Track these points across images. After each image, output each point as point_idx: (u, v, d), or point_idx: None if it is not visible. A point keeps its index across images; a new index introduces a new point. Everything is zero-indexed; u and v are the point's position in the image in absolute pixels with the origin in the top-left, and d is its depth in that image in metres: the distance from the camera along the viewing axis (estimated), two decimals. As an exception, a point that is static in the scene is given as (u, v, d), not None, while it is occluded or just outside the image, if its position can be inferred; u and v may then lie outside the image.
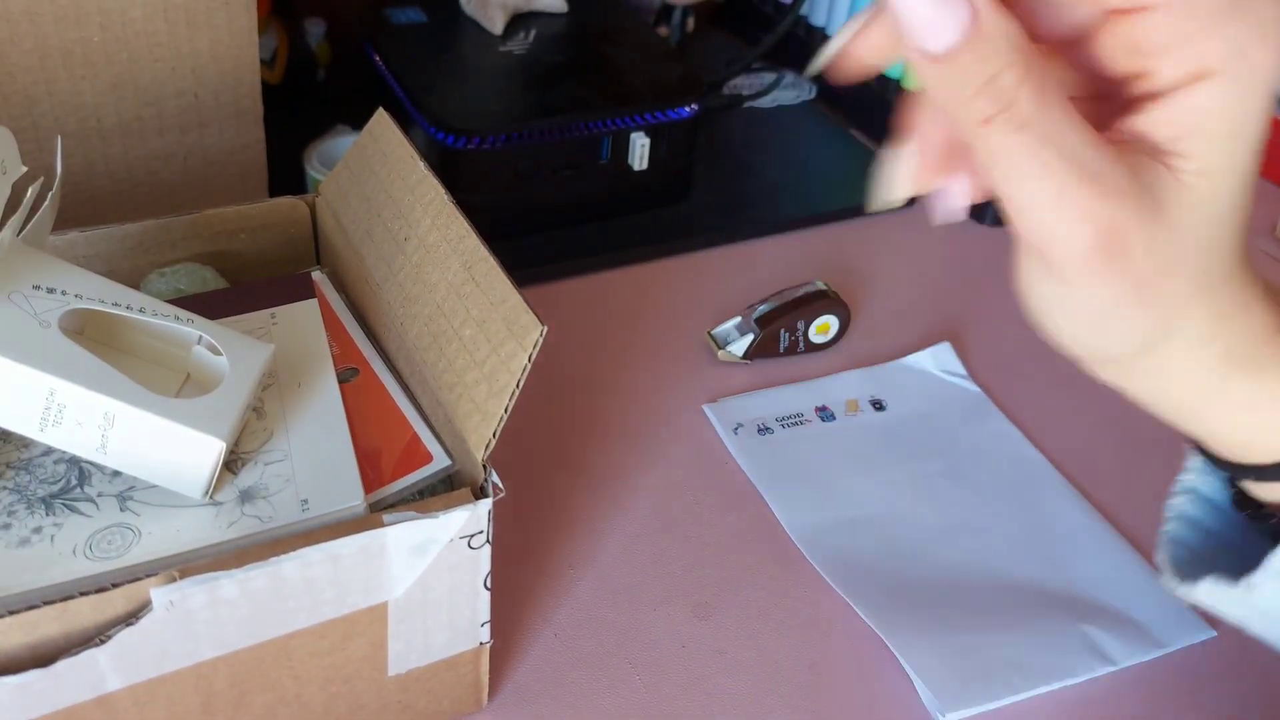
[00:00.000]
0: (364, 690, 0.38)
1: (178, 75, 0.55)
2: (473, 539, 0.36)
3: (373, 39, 0.71)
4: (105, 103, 0.54)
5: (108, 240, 0.46)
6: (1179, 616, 0.48)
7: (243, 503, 0.37)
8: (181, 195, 0.59)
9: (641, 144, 0.68)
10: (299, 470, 0.38)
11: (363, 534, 0.33)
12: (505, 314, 0.37)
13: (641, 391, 0.59)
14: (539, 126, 0.65)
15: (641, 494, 0.53)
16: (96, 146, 0.55)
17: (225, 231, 0.49)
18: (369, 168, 0.47)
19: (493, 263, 0.39)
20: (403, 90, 0.67)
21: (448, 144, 0.63)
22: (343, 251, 0.48)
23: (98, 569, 0.34)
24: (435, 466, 0.39)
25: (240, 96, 0.58)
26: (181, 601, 0.32)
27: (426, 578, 0.36)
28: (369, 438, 0.40)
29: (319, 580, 0.34)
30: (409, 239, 0.43)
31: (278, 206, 0.50)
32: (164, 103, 0.55)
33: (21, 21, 0.49)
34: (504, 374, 0.37)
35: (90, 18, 0.51)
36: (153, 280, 0.47)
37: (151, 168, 0.57)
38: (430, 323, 0.41)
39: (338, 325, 0.45)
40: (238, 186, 0.61)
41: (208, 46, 0.55)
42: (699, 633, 0.47)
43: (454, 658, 0.40)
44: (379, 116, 0.48)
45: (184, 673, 0.34)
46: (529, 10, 0.74)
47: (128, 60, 0.53)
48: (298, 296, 0.46)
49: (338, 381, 0.42)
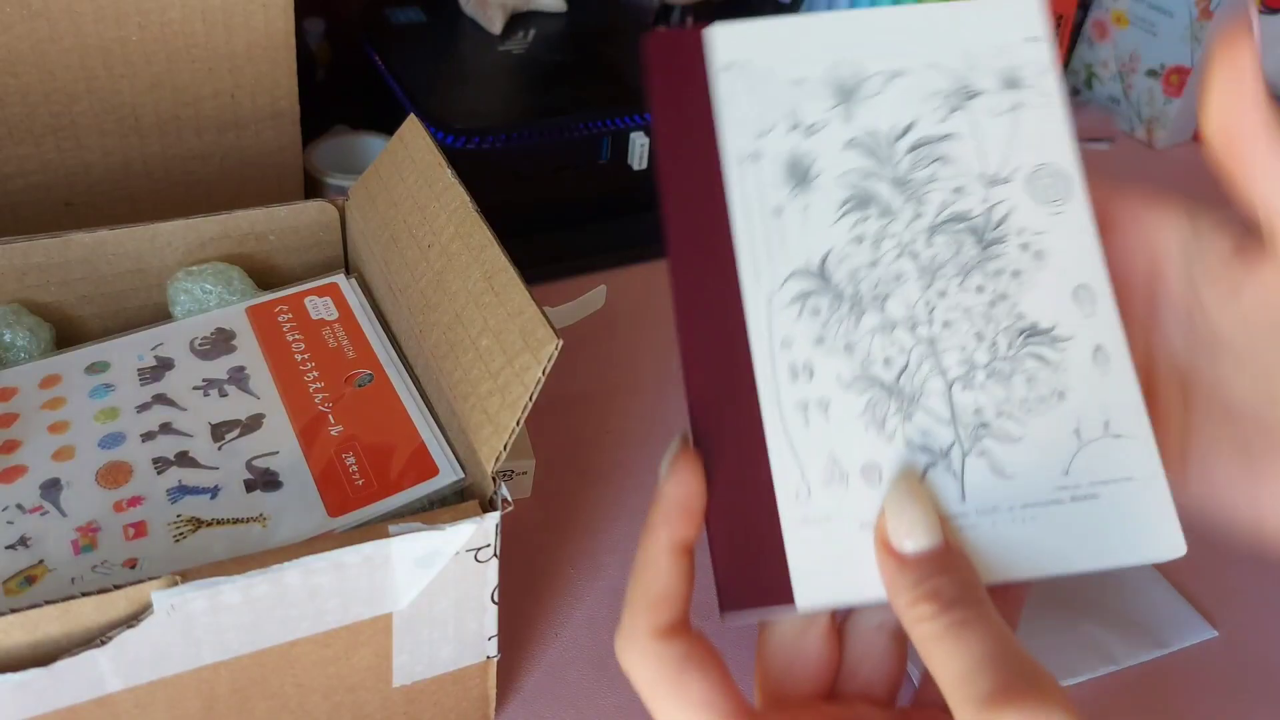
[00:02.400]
0: (368, 701, 0.38)
1: (215, 76, 0.55)
2: (479, 552, 0.35)
3: (373, 39, 0.72)
4: (143, 102, 0.54)
5: (136, 239, 0.46)
6: (1180, 616, 0.48)
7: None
8: (218, 195, 0.59)
9: (641, 144, 0.68)
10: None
11: (367, 544, 0.33)
12: (522, 325, 0.37)
13: (642, 391, 0.59)
14: (539, 126, 0.65)
15: (643, 494, 0.53)
16: (134, 145, 0.56)
17: (255, 233, 0.49)
18: (398, 173, 0.47)
19: (513, 273, 0.38)
20: (402, 90, 0.67)
21: (447, 144, 0.63)
22: (368, 255, 0.48)
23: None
24: (441, 480, 0.38)
25: (277, 98, 0.58)
26: (183, 605, 0.31)
27: (432, 590, 0.35)
28: (378, 446, 0.40)
29: (322, 589, 0.33)
30: (432, 245, 0.43)
31: (307, 209, 0.50)
32: (201, 103, 0.56)
33: (61, 20, 0.50)
34: (517, 386, 0.36)
35: (129, 17, 0.51)
36: (180, 279, 0.47)
37: (188, 167, 0.58)
38: (449, 331, 0.40)
39: (358, 329, 0.45)
40: (274, 188, 0.61)
41: (245, 48, 0.55)
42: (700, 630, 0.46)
43: (460, 671, 0.39)
44: (410, 122, 0.48)
45: (185, 677, 0.33)
46: (528, 10, 0.74)
47: (166, 60, 0.54)
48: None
49: (354, 386, 0.42)
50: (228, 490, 0.38)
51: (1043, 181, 0.34)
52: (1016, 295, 0.33)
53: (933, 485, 0.31)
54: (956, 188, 0.33)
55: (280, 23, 0.55)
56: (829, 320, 0.32)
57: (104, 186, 0.56)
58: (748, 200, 0.33)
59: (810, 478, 0.31)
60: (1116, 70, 0.94)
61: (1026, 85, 0.34)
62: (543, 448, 0.54)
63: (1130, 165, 0.89)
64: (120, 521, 0.37)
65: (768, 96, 0.34)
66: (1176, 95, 0.90)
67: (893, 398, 0.32)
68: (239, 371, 0.43)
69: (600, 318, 0.63)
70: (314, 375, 0.43)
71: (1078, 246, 0.33)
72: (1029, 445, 0.32)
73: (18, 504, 0.37)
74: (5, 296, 0.45)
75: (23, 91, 0.51)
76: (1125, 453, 0.32)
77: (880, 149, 0.34)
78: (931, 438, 0.31)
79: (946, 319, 0.32)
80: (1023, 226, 0.33)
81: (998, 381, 0.32)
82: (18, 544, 0.36)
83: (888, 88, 0.34)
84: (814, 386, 0.32)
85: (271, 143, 0.59)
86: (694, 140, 0.34)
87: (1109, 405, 0.32)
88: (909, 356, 0.32)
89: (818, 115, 0.34)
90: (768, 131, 0.33)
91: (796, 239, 0.33)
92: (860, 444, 0.31)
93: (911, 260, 0.33)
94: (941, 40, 0.34)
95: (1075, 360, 0.32)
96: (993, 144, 0.34)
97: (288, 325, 0.45)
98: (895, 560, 0.29)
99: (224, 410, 0.41)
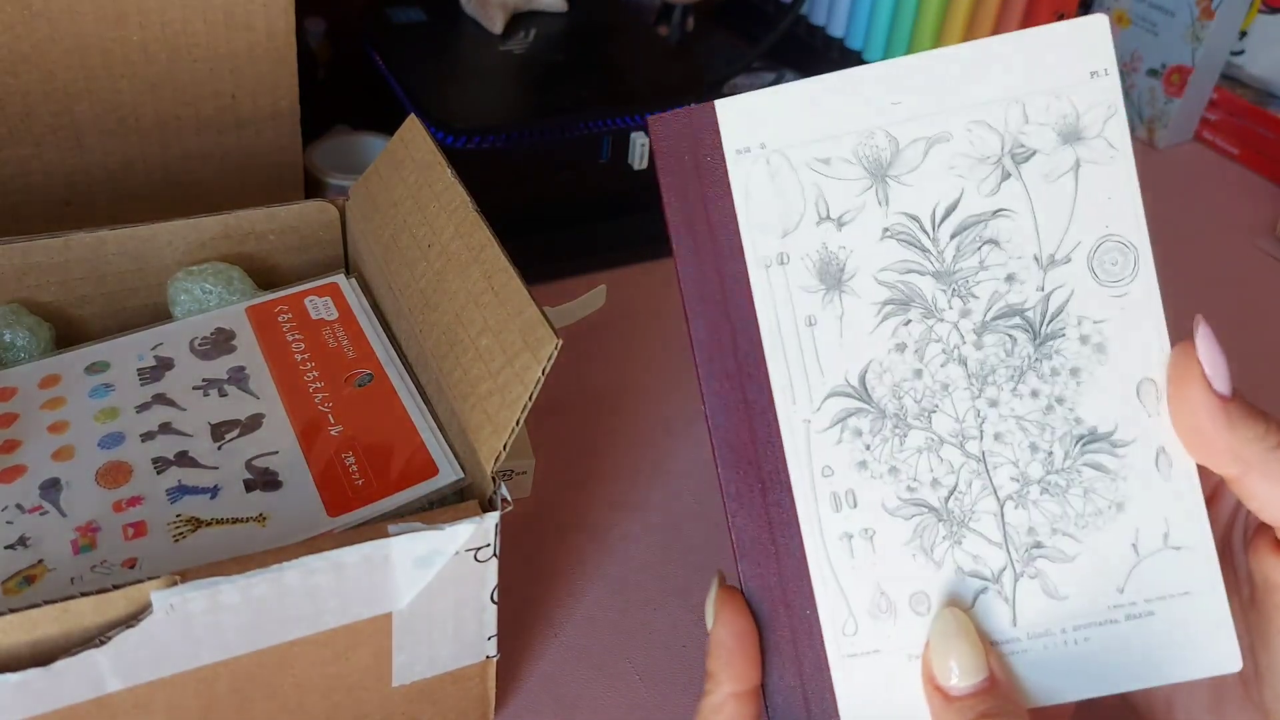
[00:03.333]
0: (367, 701, 0.38)
1: (216, 76, 0.55)
2: (479, 552, 0.35)
3: (373, 39, 0.72)
4: (144, 102, 0.54)
5: (136, 239, 0.46)
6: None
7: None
8: (218, 195, 0.59)
9: (641, 144, 0.68)
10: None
11: (366, 544, 0.33)
12: (522, 325, 0.37)
13: (643, 391, 0.59)
14: (539, 126, 0.65)
15: (643, 493, 0.53)
16: (134, 145, 0.56)
17: (255, 233, 0.49)
18: (398, 173, 0.47)
19: (512, 273, 0.38)
20: (403, 90, 0.67)
21: (447, 144, 0.63)
22: (368, 255, 0.48)
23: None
24: (440, 480, 0.38)
25: (278, 98, 0.58)
26: (182, 605, 0.31)
27: (431, 590, 0.35)
28: (378, 446, 0.40)
29: (321, 589, 0.33)
30: (432, 245, 0.43)
31: (307, 209, 0.50)
32: (202, 103, 0.56)
33: (61, 20, 0.50)
34: (517, 386, 0.36)
35: (130, 17, 0.51)
36: (180, 279, 0.47)
37: (189, 167, 0.58)
38: (448, 331, 0.40)
39: (358, 330, 0.45)
40: (274, 188, 0.61)
41: (245, 48, 0.55)
42: (699, 633, 0.46)
43: (460, 670, 0.39)
44: (410, 122, 0.48)
45: (184, 676, 0.33)
46: (529, 10, 0.74)
47: (167, 60, 0.54)
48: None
49: (354, 386, 0.42)
50: (227, 490, 0.38)
51: (1107, 258, 0.29)
52: (1074, 398, 0.29)
53: (983, 611, 0.29)
54: (1009, 275, 0.29)
55: (281, 23, 0.55)
56: (872, 442, 0.29)
57: (104, 186, 0.56)
58: (778, 310, 0.30)
59: (857, 611, 0.30)
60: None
61: (1089, 137, 0.29)
62: (543, 448, 0.54)
63: (1131, 165, 0.89)
64: (120, 521, 0.37)
65: (791, 185, 0.30)
66: (1177, 95, 0.90)
67: (942, 522, 0.29)
68: (239, 371, 0.43)
69: (600, 317, 0.63)
70: (314, 375, 0.43)
71: (1142, 335, 0.29)
72: (1084, 563, 0.29)
73: (17, 504, 0.37)
74: (5, 296, 0.45)
75: (23, 91, 0.51)
76: (1183, 566, 0.29)
77: (921, 237, 0.30)
78: (982, 562, 0.29)
79: (998, 431, 0.29)
80: (1083, 315, 0.29)
81: (1053, 497, 0.29)
82: (17, 544, 0.36)
83: (927, 158, 0.30)
84: (858, 516, 0.30)
85: (271, 143, 0.59)
86: (714, 240, 0.30)
87: (1169, 515, 0.29)
88: (958, 477, 0.29)
89: (849, 201, 0.30)
90: (794, 228, 0.30)
91: (833, 352, 0.30)
92: (908, 573, 0.30)
93: (959, 366, 0.30)
94: (989, 87, 0.29)
95: (1137, 467, 0.29)
96: (1050, 217, 0.29)
97: (288, 325, 0.45)
98: (941, 697, 0.29)
99: (224, 410, 0.41)
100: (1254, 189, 0.88)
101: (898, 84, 0.30)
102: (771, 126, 0.30)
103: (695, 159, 0.30)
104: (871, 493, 0.30)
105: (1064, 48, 0.29)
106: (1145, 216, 0.29)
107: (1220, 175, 0.89)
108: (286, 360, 0.44)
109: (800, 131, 0.30)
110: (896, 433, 0.30)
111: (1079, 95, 0.29)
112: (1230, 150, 0.92)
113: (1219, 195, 0.86)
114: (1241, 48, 0.93)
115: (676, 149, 0.31)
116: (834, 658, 0.30)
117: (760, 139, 0.30)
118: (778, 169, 0.30)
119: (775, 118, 0.30)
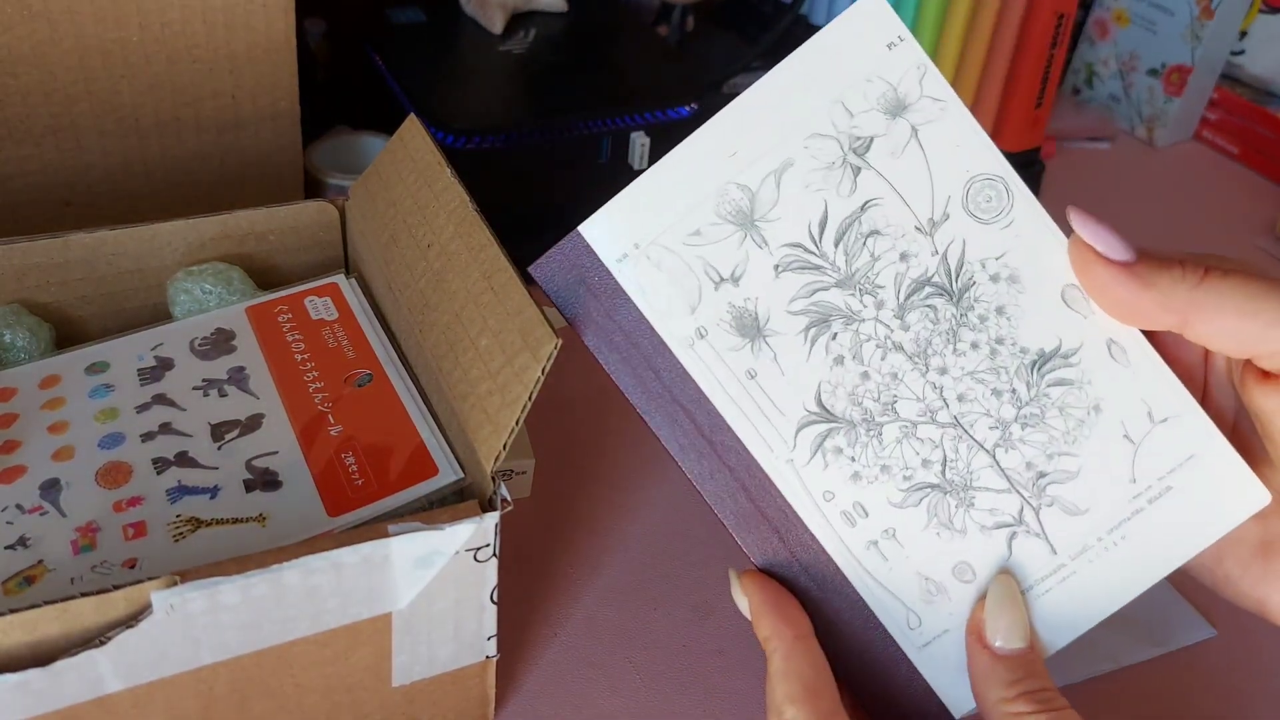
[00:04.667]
0: (367, 700, 0.38)
1: (215, 76, 0.55)
2: (478, 552, 0.35)
3: (373, 39, 0.72)
4: (143, 103, 0.54)
5: (136, 239, 0.46)
6: (1179, 616, 0.48)
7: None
8: (218, 196, 0.59)
9: (641, 144, 0.68)
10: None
11: (366, 544, 0.33)
12: (521, 325, 0.37)
13: None
14: (539, 126, 0.65)
15: (642, 493, 0.53)
16: (134, 145, 0.56)
17: (255, 233, 0.49)
18: (398, 173, 0.47)
19: (512, 273, 0.38)
20: (402, 90, 0.67)
21: (447, 144, 0.63)
22: (368, 255, 0.48)
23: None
24: (440, 480, 0.38)
25: (277, 98, 0.58)
26: (182, 606, 0.31)
27: (431, 590, 0.35)
28: (377, 446, 0.40)
29: (321, 589, 0.33)
30: (431, 245, 0.43)
31: (307, 209, 0.50)
32: (201, 103, 0.56)
33: (61, 20, 0.50)
34: (517, 385, 0.36)
35: (129, 18, 0.51)
36: (180, 279, 0.47)
37: (189, 168, 0.58)
38: (448, 331, 0.40)
39: (358, 330, 0.45)
40: (274, 188, 0.61)
41: (245, 49, 0.55)
42: (699, 633, 0.46)
43: (459, 670, 0.39)
44: (410, 122, 0.48)
45: (184, 677, 0.33)
46: (529, 10, 0.74)
47: (166, 61, 0.54)
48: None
49: (354, 386, 0.42)
50: (227, 490, 0.38)
51: (980, 197, 0.31)
52: (1012, 333, 0.31)
53: (1022, 553, 0.31)
54: (902, 254, 0.31)
55: (280, 23, 0.55)
56: (855, 454, 0.31)
57: (104, 186, 0.56)
58: (718, 377, 0.32)
59: (912, 604, 0.31)
60: (1117, 69, 0.94)
61: (912, 101, 0.31)
62: (543, 448, 0.54)
63: (1130, 164, 0.89)
64: (120, 521, 0.37)
65: (677, 266, 0.31)
66: (1177, 94, 0.90)
67: (948, 494, 0.31)
68: (239, 371, 0.43)
69: (600, 317, 0.63)
70: (314, 375, 0.43)
71: (1045, 249, 0.31)
72: (1089, 472, 0.31)
73: (17, 504, 0.37)
74: (5, 296, 0.45)
75: (23, 91, 0.51)
76: (1179, 433, 0.31)
77: (810, 258, 0.31)
78: (1000, 512, 0.31)
79: (960, 393, 0.31)
80: (984, 257, 0.31)
81: (1034, 428, 0.31)
82: (17, 544, 0.36)
83: (782, 188, 0.31)
84: (873, 522, 0.31)
85: (271, 143, 0.59)
86: (635, 344, 0.32)
87: (1144, 394, 0.31)
88: (943, 448, 0.31)
89: (734, 257, 0.31)
90: (698, 302, 0.31)
91: (783, 391, 0.31)
92: (940, 551, 0.31)
93: (898, 353, 0.31)
94: (805, 101, 0.31)
95: (1094, 366, 0.31)
96: (913, 187, 0.31)
97: (287, 325, 0.46)
98: (989, 654, 0.30)
99: (224, 410, 0.41)
100: (1254, 188, 0.88)
101: (725, 138, 0.31)
102: (636, 225, 0.32)
103: (585, 283, 0.33)
104: (875, 497, 0.31)
105: (853, 35, 0.30)
106: (1003, 153, 0.31)
107: (1220, 174, 0.89)
108: (286, 360, 0.44)
109: (662, 218, 0.31)
110: (872, 435, 0.31)
111: (886, 70, 0.31)
112: (1230, 150, 0.92)
113: (1219, 194, 0.86)
114: (1241, 47, 0.93)
115: (566, 282, 0.33)
116: (912, 652, 0.31)
117: (632, 240, 0.32)
118: (659, 259, 0.32)
119: (635, 216, 0.32)
